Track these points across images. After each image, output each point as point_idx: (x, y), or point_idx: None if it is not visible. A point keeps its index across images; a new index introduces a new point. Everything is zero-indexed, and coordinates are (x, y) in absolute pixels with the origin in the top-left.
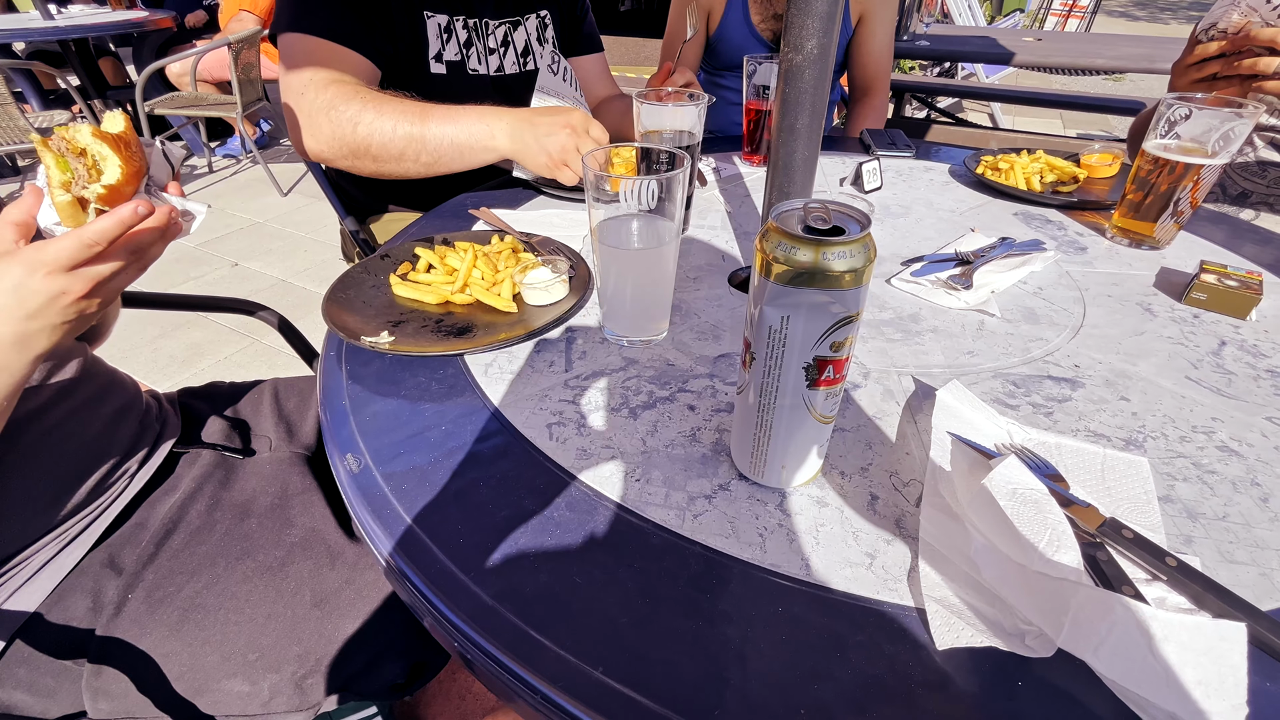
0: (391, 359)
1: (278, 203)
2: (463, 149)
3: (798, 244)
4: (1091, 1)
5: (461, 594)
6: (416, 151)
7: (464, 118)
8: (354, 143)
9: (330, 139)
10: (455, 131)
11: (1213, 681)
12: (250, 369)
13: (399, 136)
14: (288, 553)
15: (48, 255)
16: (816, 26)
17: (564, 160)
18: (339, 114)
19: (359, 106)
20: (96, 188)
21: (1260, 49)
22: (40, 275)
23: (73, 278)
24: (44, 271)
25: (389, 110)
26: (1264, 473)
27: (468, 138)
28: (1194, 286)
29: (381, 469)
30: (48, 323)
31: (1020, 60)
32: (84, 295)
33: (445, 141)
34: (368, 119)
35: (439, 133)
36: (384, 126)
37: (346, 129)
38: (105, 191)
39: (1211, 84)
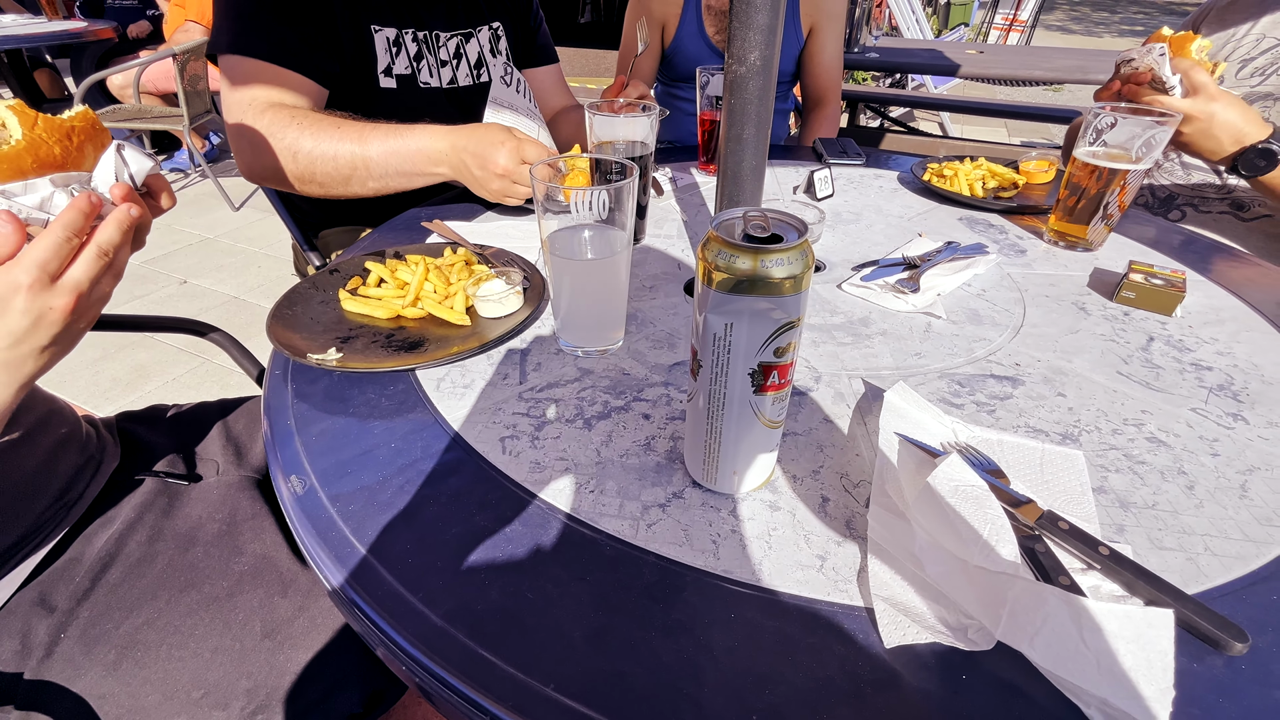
0: (340, 376)
1: (229, 218)
2: (408, 173)
3: (737, 252)
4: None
5: (409, 616)
6: (363, 176)
7: (405, 140)
8: (295, 170)
9: (271, 167)
10: (398, 159)
11: (1142, 667)
12: (200, 391)
13: (342, 162)
14: (236, 582)
15: (28, 265)
16: (758, 39)
17: (505, 194)
18: (277, 142)
19: (296, 133)
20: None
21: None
22: (22, 294)
23: (57, 290)
24: (26, 286)
25: (327, 135)
26: (1189, 461)
27: (410, 164)
28: (1124, 286)
29: (327, 490)
30: (34, 346)
31: (965, 72)
32: (69, 310)
33: (390, 167)
34: (306, 146)
35: (381, 156)
36: (324, 152)
37: (286, 158)
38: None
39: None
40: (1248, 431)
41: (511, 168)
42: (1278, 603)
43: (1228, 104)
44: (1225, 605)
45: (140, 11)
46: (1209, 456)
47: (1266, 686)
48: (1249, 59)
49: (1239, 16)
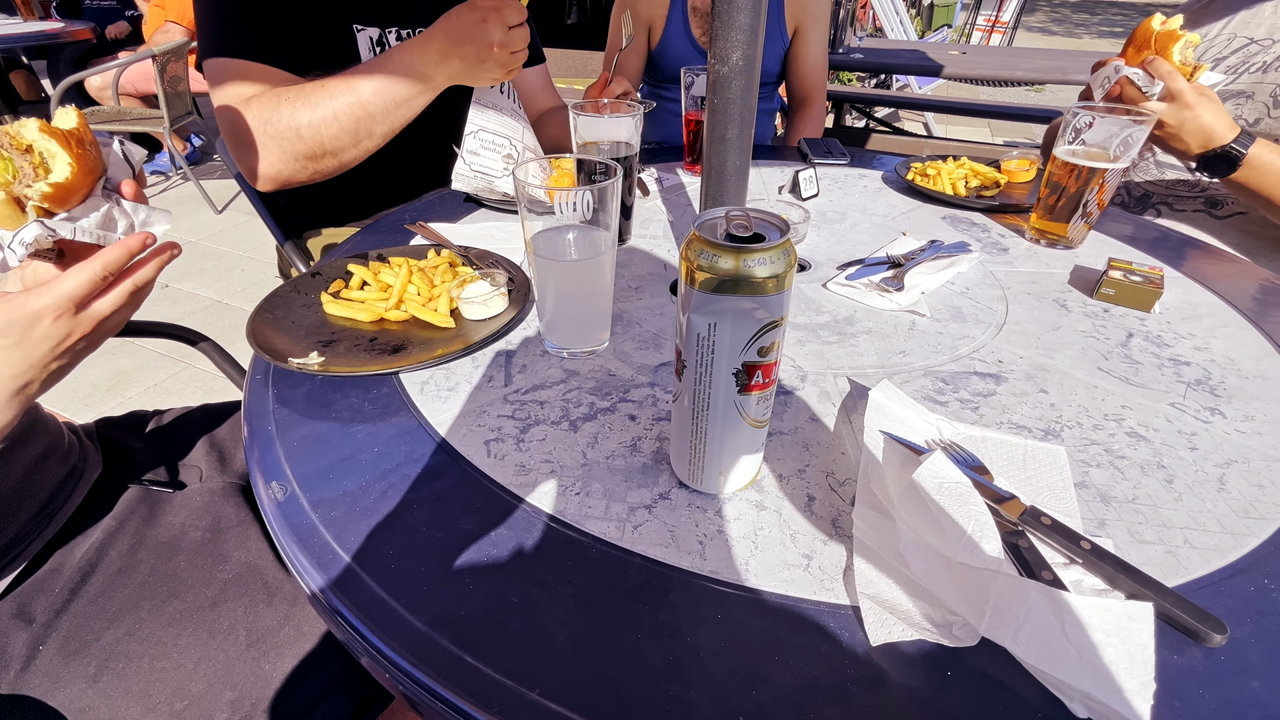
0: (322, 380)
1: (211, 220)
2: (408, 100)
3: (719, 252)
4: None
5: (392, 622)
6: (369, 125)
7: (390, 69)
8: (305, 149)
9: (282, 156)
10: (393, 89)
11: (1123, 660)
12: (182, 397)
13: (344, 118)
14: (220, 591)
15: (59, 298)
16: (740, 39)
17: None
18: (275, 127)
19: (289, 110)
20: (42, 186)
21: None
22: (48, 320)
23: (79, 320)
24: (52, 315)
25: (319, 98)
26: (1168, 456)
27: (406, 89)
28: (1103, 283)
29: (309, 496)
30: (46, 367)
31: (948, 72)
32: (85, 335)
33: (389, 101)
34: (304, 118)
35: (376, 95)
36: (324, 115)
37: (291, 140)
38: (52, 190)
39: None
40: (1225, 425)
41: (503, 37)
42: (1255, 594)
43: (1201, 110)
44: (1204, 597)
45: (119, 12)
46: (1187, 450)
47: (1244, 677)
48: (1221, 57)
49: (1212, 16)
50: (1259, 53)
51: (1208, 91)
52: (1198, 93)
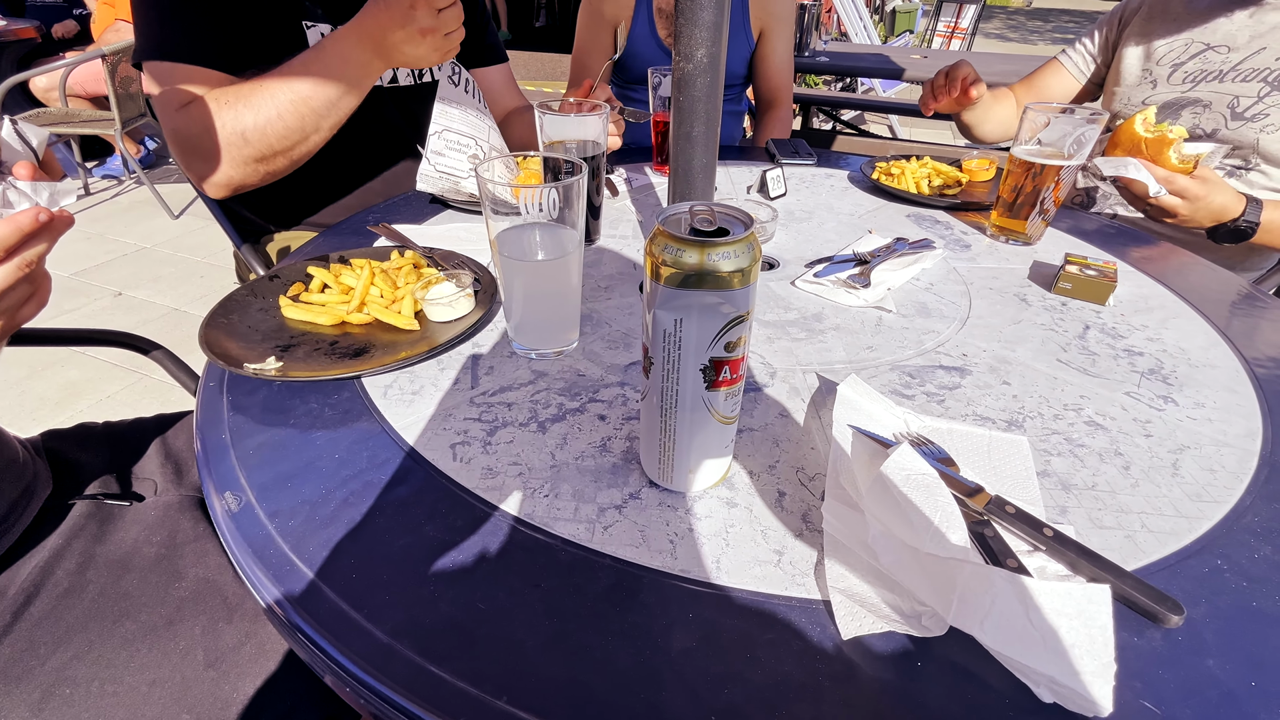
0: (280, 386)
1: (168, 226)
2: (349, 89)
3: (684, 246)
4: (970, 24)
5: (353, 634)
6: (313, 119)
7: (324, 61)
8: (254, 152)
9: (230, 162)
10: (331, 82)
11: (1084, 643)
12: (137, 409)
13: (288, 116)
14: (176, 609)
15: None
16: (704, 36)
17: (444, 34)
18: (221, 134)
19: (231, 114)
20: None
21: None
22: None
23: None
24: None
25: (259, 98)
26: (1125, 443)
27: (345, 80)
28: (1060, 277)
29: (265, 506)
30: None
31: (910, 75)
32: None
33: (330, 95)
34: (248, 120)
35: (315, 90)
36: (268, 115)
37: (238, 144)
38: None
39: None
40: (1177, 413)
41: (432, 22)
42: (1209, 575)
43: (1211, 197)
44: (1161, 579)
45: (65, 10)
46: (1143, 438)
47: (1201, 656)
48: (1179, 63)
49: (1169, 21)
50: (1216, 60)
51: (1211, 176)
52: (1201, 181)
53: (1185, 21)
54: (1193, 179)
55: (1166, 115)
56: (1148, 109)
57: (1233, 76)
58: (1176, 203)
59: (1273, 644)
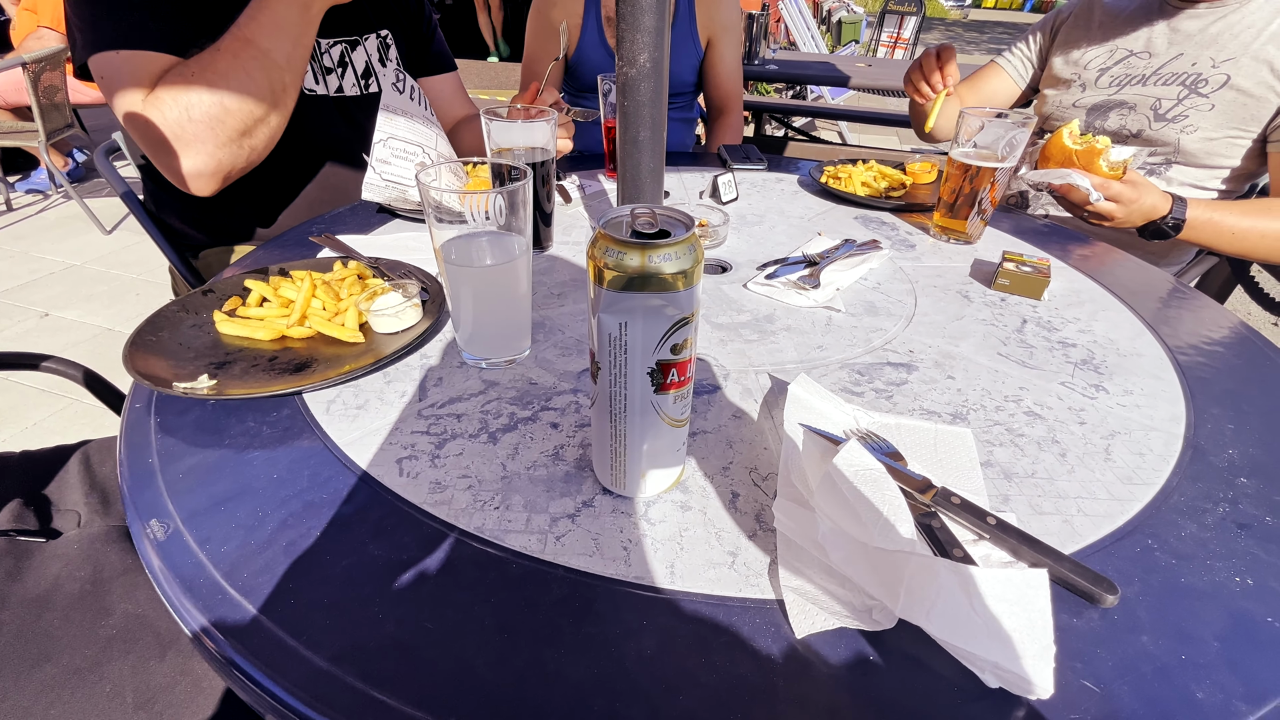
0: (215, 405)
1: (99, 241)
2: (299, 36)
3: (625, 249)
4: (912, 35)
5: (289, 663)
6: (279, 76)
7: (269, 11)
8: (237, 124)
9: (217, 141)
10: (285, 31)
11: (1024, 627)
12: (67, 436)
13: (256, 75)
14: (103, 649)
15: None
16: (646, 41)
17: None
18: (200, 111)
19: (203, 89)
20: None
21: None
22: None
23: None
24: None
25: (225, 66)
26: (1061, 431)
27: (297, 28)
28: (999, 274)
29: (195, 532)
30: None
31: (855, 83)
32: None
33: (285, 42)
34: (223, 90)
35: (269, 39)
36: (240, 81)
37: (220, 117)
38: None
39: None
40: (1108, 400)
41: None
42: (1140, 554)
43: (1142, 199)
44: (1097, 561)
45: None
46: (1077, 425)
47: (1135, 633)
48: (1105, 68)
49: (1094, 29)
50: (1139, 65)
51: (1140, 180)
52: (1132, 185)
53: (1110, 29)
54: (1124, 184)
55: (1096, 116)
56: (1071, 122)
57: (1154, 80)
58: (1112, 207)
59: (1200, 618)
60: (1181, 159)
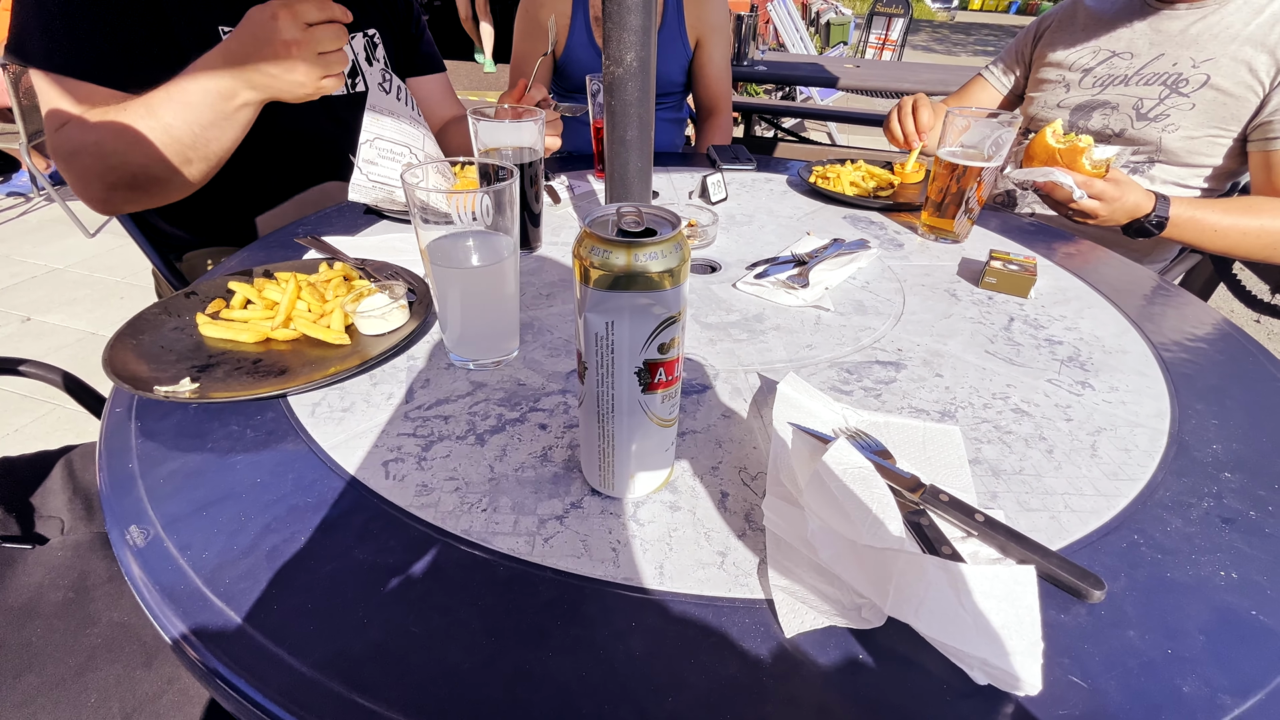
0: (197, 409)
1: (82, 245)
2: (219, 122)
3: (611, 247)
4: (899, 37)
5: (272, 670)
6: (182, 151)
7: (187, 89)
8: (119, 179)
9: (102, 186)
10: (196, 112)
11: (1012, 624)
12: (49, 442)
13: (146, 142)
14: (88, 658)
15: None
16: (633, 40)
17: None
18: (88, 157)
19: (95, 136)
20: None
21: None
22: None
23: None
24: None
25: (121, 123)
26: (1048, 428)
27: (213, 111)
28: (986, 273)
29: (176, 538)
30: None
31: (844, 84)
32: None
33: (194, 124)
34: (109, 145)
35: (174, 116)
36: (129, 141)
37: (101, 169)
38: None
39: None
40: (1094, 397)
41: (298, 35)
42: (1127, 550)
43: (1125, 197)
44: (1084, 557)
45: None
46: (1064, 422)
47: (1122, 628)
48: (1089, 69)
49: (1078, 31)
50: (1122, 65)
51: (1123, 178)
52: (1115, 183)
53: (1093, 30)
54: (1107, 182)
55: (1080, 116)
56: (1054, 122)
57: (1136, 80)
58: (1096, 205)
59: (1185, 612)
60: (1164, 158)
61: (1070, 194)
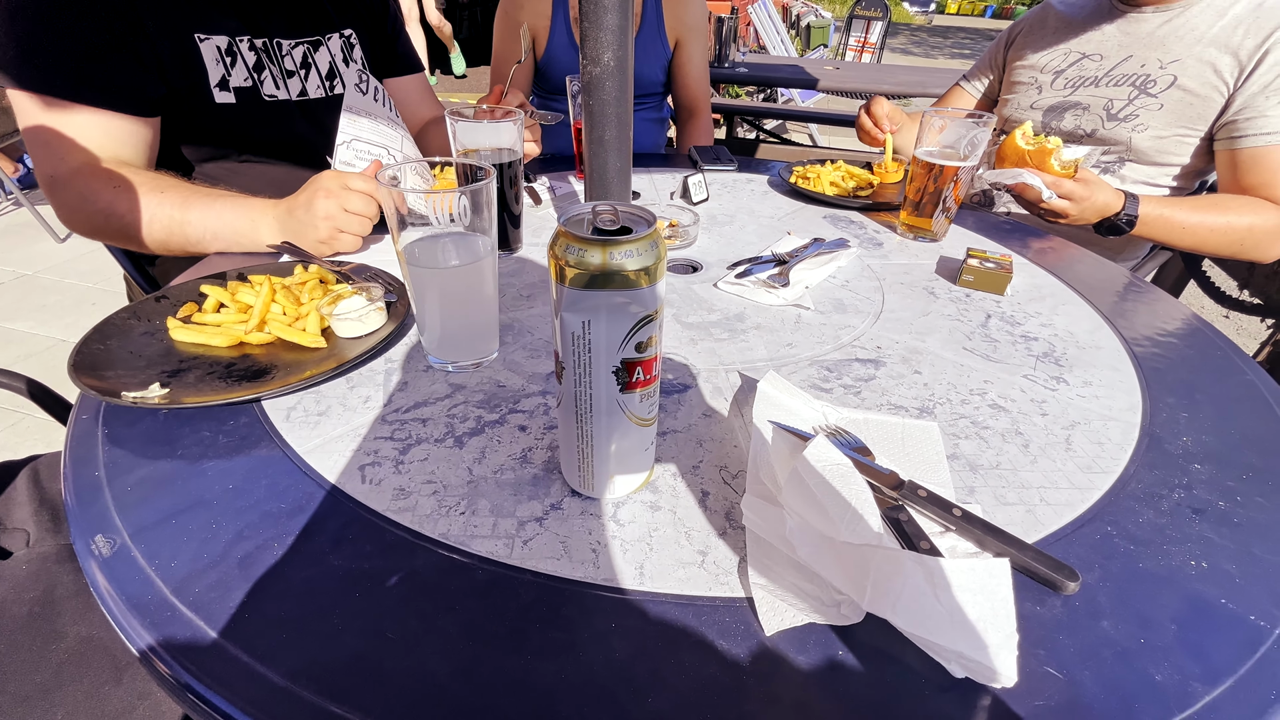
0: (168, 415)
1: (53, 250)
2: (227, 241)
3: (586, 246)
4: (878, 39)
5: (243, 680)
6: (181, 242)
7: (226, 209)
8: (111, 232)
9: (88, 228)
10: (217, 224)
11: (988, 616)
12: (18, 452)
13: (157, 227)
14: (54, 674)
15: None
16: (609, 39)
17: (335, 230)
18: (92, 206)
19: (110, 197)
20: None
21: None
22: None
23: None
24: None
25: (146, 202)
26: (1024, 423)
27: (231, 231)
28: (963, 270)
29: (144, 547)
30: None
31: (824, 85)
32: None
33: (208, 233)
34: (120, 211)
35: (200, 223)
36: (141, 217)
37: (99, 220)
38: None
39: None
40: (1068, 392)
41: (335, 186)
42: (1100, 541)
43: (1095, 197)
44: (1060, 549)
45: None
46: (1039, 417)
47: (1096, 619)
48: (1060, 71)
49: (1049, 34)
50: (1091, 67)
51: (1092, 178)
52: (1084, 183)
53: (1063, 34)
54: (1076, 182)
55: (1052, 117)
56: (1024, 124)
57: (1106, 81)
58: (1066, 205)
59: (1158, 602)
60: (1134, 157)
61: (1040, 194)
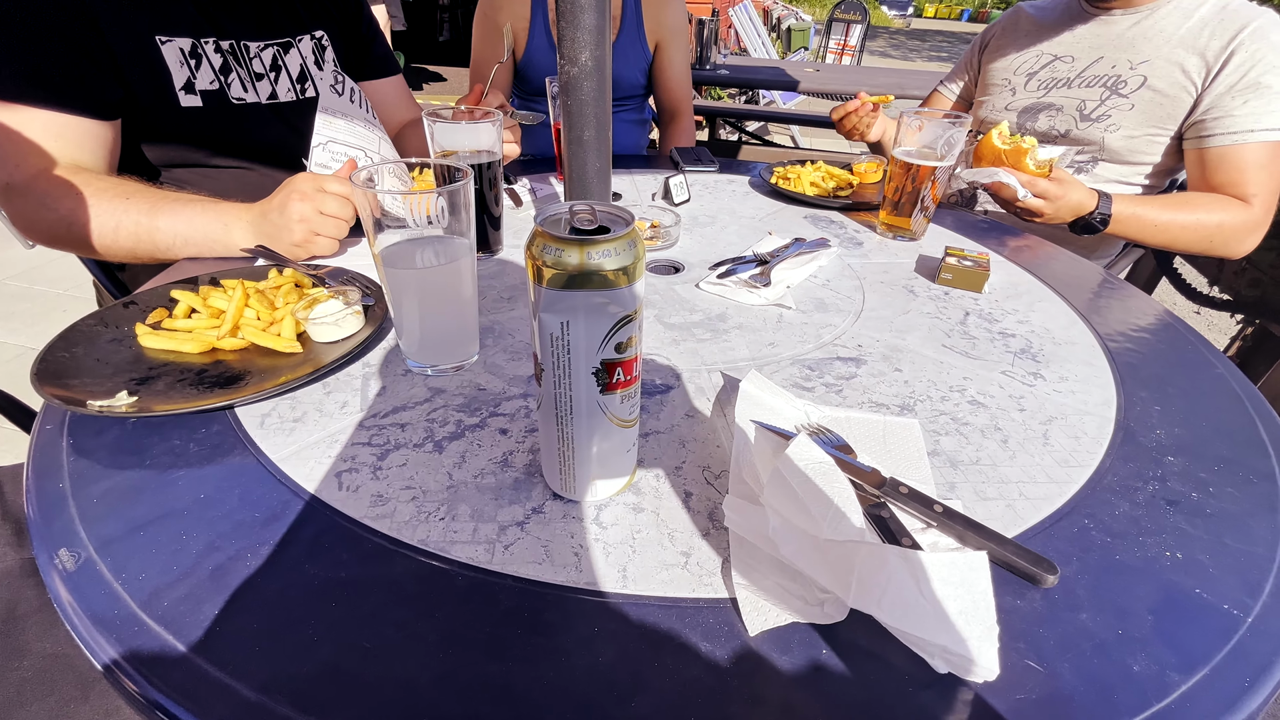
0: (136, 424)
1: (20, 257)
2: (199, 246)
3: (564, 246)
4: (858, 42)
5: (213, 695)
6: (149, 249)
7: (197, 214)
8: (73, 240)
9: (48, 238)
10: (188, 229)
11: (969, 610)
12: None
13: (124, 235)
14: (17, 691)
15: None
16: (587, 39)
17: (311, 233)
18: (52, 214)
19: (71, 205)
20: None
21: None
22: None
23: None
24: None
25: (111, 208)
26: (1003, 419)
27: (203, 236)
28: (942, 269)
29: (110, 560)
30: None
31: (804, 87)
32: None
33: (179, 239)
34: (82, 220)
35: (170, 229)
36: (105, 225)
37: (60, 229)
38: None
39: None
40: (1045, 387)
41: (310, 189)
42: (1078, 534)
43: (1068, 196)
44: (1039, 543)
45: None
46: (1017, 412)
47: (1075, 611)
48: (1033, 73)
49: (1021, 37)
50: (1063, 68)
51: (1066, 177)
52: (1058, 183)
53: (1035, 36)
54: (1050, 181)
55: (1027, 118)
56: (1001, 124)
57: (1078, 83)
58: (1040, 204)
59: (1134, 593)
60: (1107, 156)
61: (1015, 193)
